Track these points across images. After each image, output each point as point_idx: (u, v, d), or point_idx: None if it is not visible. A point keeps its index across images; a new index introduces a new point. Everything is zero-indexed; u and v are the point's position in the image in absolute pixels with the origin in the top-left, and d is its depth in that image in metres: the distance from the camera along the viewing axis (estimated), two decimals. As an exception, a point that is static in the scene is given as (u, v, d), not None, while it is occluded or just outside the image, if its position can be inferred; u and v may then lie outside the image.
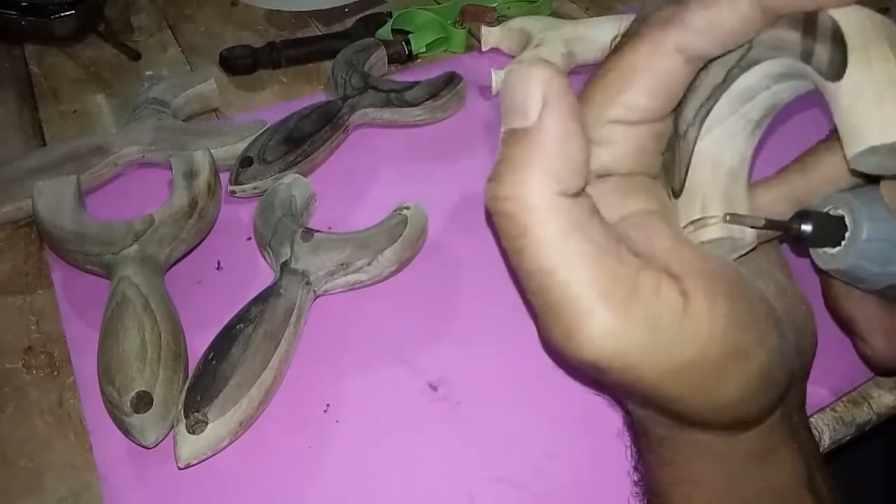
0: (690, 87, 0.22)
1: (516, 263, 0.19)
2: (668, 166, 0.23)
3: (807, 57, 0.19)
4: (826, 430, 0.34)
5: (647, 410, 0.24)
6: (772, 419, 0.23)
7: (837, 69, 0.18)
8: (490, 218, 0.19)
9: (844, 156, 0.19)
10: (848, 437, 0.35)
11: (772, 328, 0.21)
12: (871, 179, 0.23)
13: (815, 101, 0.21)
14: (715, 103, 0.22)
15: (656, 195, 0.22)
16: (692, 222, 0.22)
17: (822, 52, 0.19)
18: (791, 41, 0.20)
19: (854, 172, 0.22)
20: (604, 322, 0.18)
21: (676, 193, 0.23)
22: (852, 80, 0.18)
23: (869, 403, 0.35)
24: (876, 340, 0.26)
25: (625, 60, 0.21)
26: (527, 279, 0.19)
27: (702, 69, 0.22)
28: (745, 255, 0.23)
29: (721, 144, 0.22)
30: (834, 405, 0.35)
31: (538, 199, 0.18)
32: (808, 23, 0.19)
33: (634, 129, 0.21)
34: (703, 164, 0.22)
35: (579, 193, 0.19)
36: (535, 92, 0.18)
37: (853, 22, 0.19)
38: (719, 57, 0.21)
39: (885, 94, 0.18)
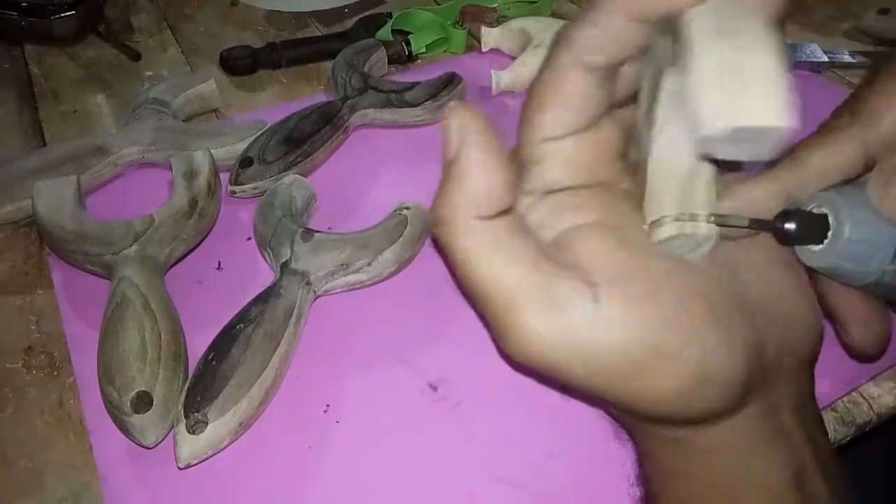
0: (638, 95, 0.23)
1: (456, 278, 0.22)
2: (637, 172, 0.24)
3: (676, 59, 0.20)
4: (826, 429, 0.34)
5: (611, 408, 0.26)
6: (747, 415, 0.23)
7: (683, 65, 0.19)
8: (434, 241, 0.22)
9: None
10: (848, 437, 0.35)
11: (710, 327, 0.21)
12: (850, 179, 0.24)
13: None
14: (656, 107, 0.22)
15: (604, 204, 0.23)
16: (652, 223, 0.23)
17: (677, 50, 0.20)
18: (664, 45, 0.21)
19: (711, 161, 0.22)
20: (524, 328, 0.21)
21: (643, 197, 0.23)
22: (691, 73, 0.19)
23: (869, 403, 0.35)
24: (855, 329, 0.27)
25: (539, 80, 0.23)
26: (465, 291, 0.22)
27: (641, 74, 0.23)
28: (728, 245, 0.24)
29: (673, 145, 0.23)
30: (834, 405, 0.35)
31: (457, 223, 0.21)
32: (669, 25, 0.20)
33: (564, 144, 0.23)
34: (657, 166, 0.23)
35: (498, 214, 0.21)
36: (454, 130, 0.21)
37: (701, 18, 0.19)
38: (645, 61, 0.22)
39: (714, 85, 0.18)
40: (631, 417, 0.26)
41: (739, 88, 0.18)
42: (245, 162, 0.42)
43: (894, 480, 0.51)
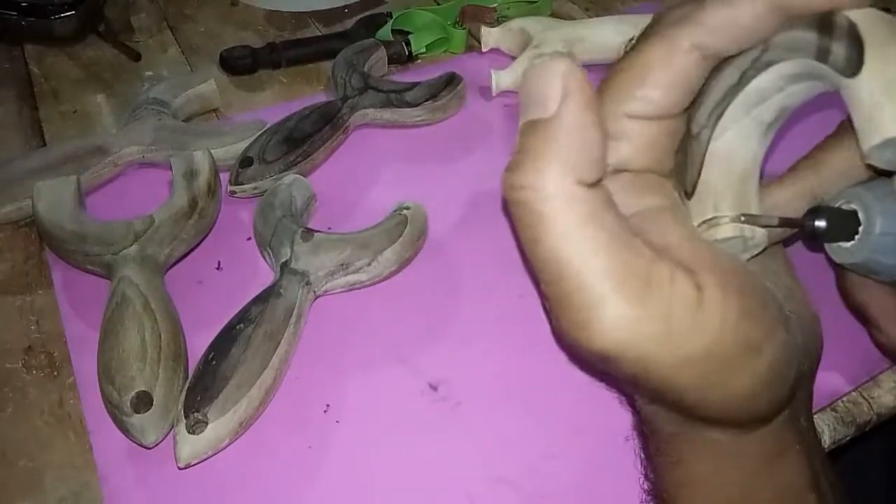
0: (704, 89, 0.22)
1: (531, 252, 0.19)
2: (681, 167, 0.23)
3: (823, 56, 0.20)
4: (826, 430, 0.34)
5: (655, 406, 0.24)
6: (780, 420, 0.23)
7: (854, 66, 0.19)
8: (506, 207, 0.20)
9: (860, 150, 0.19)
10: (848, 437, 0.35)
11: (781, 325, 0.21)
12: (882, 173, 0.24)
13: (820, 104, 0.22)
14: (728, 105, 0.22)
15: (668, 193, 0.22)
16: (705, 221, 0.22)
17: (839, 49, 0.19)
18: (807, 41, 0.20)
19: (869, 167, 0.22)
20: (616, 312, 0.18)
21: (689, 194, 0.23)
22: (868, 76, 0.19)
23: (869, 403, 0.35)
24: (890, 328, 0.27)
25: (642, 56, 0.21)
26: (541, 268, 0.19)
27: (716, 70, 0.22)
28: (756, 255, 0.24)
29: (734, 146, 0.22)
30: (834, 405, 0.35)
31: (555, 188, 0.18)
32: (824, 22, 0.20)
33: (649, 125, 0.22)
34: (715, 165, 0.22)
35: (596, 184, 0.19)
36: (554, 84, 0.18)
37: (868, 21, 0.19)
38: (734, 58, 0.22)
39: None
40: (684, 416, 0.24)
41: None
42: (245, 162, 0.42)
43: (894, 480, 0.51)
